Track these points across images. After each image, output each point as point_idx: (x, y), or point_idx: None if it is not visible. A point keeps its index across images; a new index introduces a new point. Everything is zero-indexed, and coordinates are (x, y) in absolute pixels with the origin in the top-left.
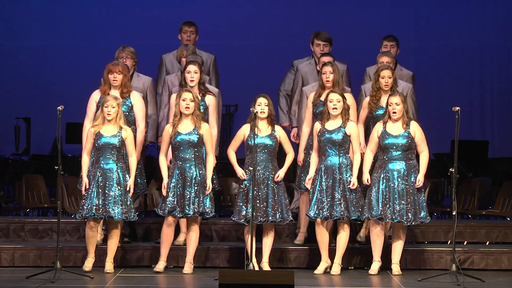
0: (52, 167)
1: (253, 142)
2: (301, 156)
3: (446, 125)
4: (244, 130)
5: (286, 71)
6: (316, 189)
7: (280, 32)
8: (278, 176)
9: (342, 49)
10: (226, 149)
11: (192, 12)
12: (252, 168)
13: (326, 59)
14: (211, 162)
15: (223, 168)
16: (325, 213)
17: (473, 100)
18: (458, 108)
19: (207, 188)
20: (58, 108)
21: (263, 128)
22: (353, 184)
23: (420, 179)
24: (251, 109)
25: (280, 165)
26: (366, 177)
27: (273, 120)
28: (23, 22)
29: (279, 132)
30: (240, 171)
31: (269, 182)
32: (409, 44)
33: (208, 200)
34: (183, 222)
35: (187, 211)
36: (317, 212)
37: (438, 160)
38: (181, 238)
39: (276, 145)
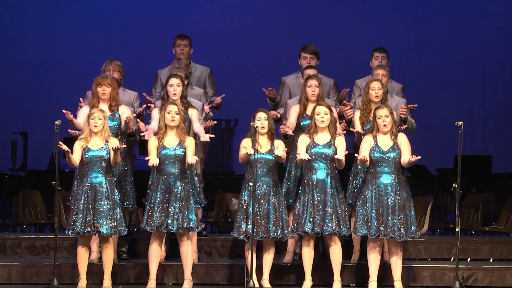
0: (49, 183)
1: (253, 157)
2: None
3: (449, 140)
4: (247, 143)
5: None
6: (308, 204)
7: (281, 46)
8: (276, 154)
9: (342, 62)
10: (225, 165)
11: (189, 26)
12: (252, 184)
13: (310, 71)
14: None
15: (223, 183)
16: (316, 228)
17: (476, 114)
18: (461, 122)
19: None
20: (55, 122)
21: (264, 143)
22: (339, 158)
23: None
24: (251, 123)
25: (280, 180)
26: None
27: (273, 134)
28: (20, 35)
29: (278, 144)
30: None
31: (270, 198)
32: (411, 57)
33: (193, 215)
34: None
35: (170, 227)
36: (311, 227)
37: (441, 175)
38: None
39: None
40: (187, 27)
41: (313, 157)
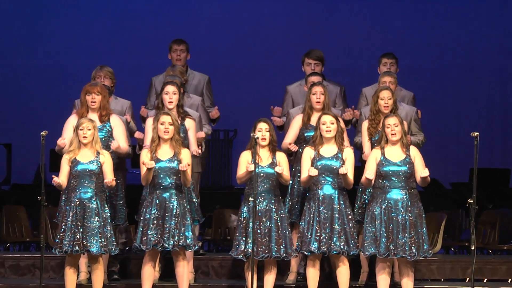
0: (35, 198)
1: (254, 171)
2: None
3: (464, 152)
4: (246, 157)
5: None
6: (314, 221)
7: (284, 52)
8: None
9: (348, 68)
10: (224, 178)
11: (186, 29)
12: (252, 199)
13: (315, 78)
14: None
15: (221, 198)
16: (323, 247)
17: (494, 124)
18: (477, 133)
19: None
20: (41, 133)
21: (264, 156)
22: (343, 171)
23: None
24: (251, 134)
25: (282, 195)
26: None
27: (274, 146)
28: (3, 41)
29: (279, 157)
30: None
31: (271, 215)
32: (424, 64)
33: (189, 232)
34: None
35: (166, 244)
36: (318, 246)
37: (455, 190)
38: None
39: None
40: (184, 31)
41: (319, 171)
